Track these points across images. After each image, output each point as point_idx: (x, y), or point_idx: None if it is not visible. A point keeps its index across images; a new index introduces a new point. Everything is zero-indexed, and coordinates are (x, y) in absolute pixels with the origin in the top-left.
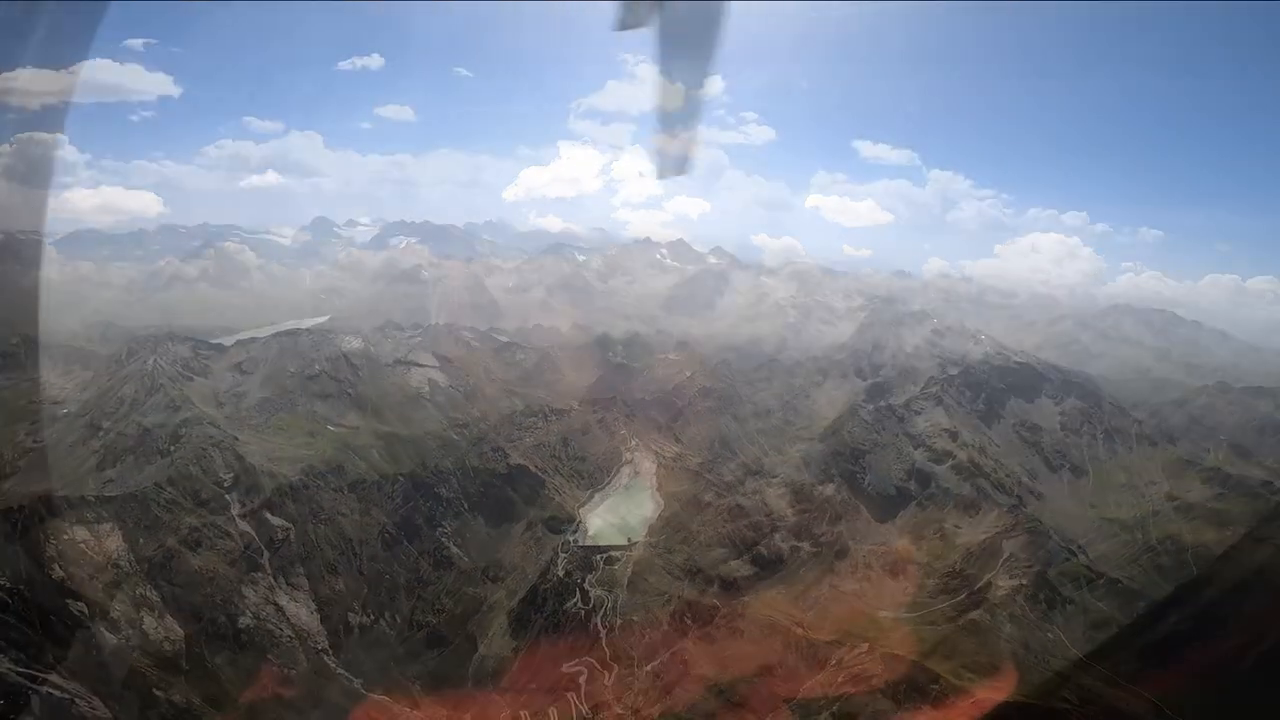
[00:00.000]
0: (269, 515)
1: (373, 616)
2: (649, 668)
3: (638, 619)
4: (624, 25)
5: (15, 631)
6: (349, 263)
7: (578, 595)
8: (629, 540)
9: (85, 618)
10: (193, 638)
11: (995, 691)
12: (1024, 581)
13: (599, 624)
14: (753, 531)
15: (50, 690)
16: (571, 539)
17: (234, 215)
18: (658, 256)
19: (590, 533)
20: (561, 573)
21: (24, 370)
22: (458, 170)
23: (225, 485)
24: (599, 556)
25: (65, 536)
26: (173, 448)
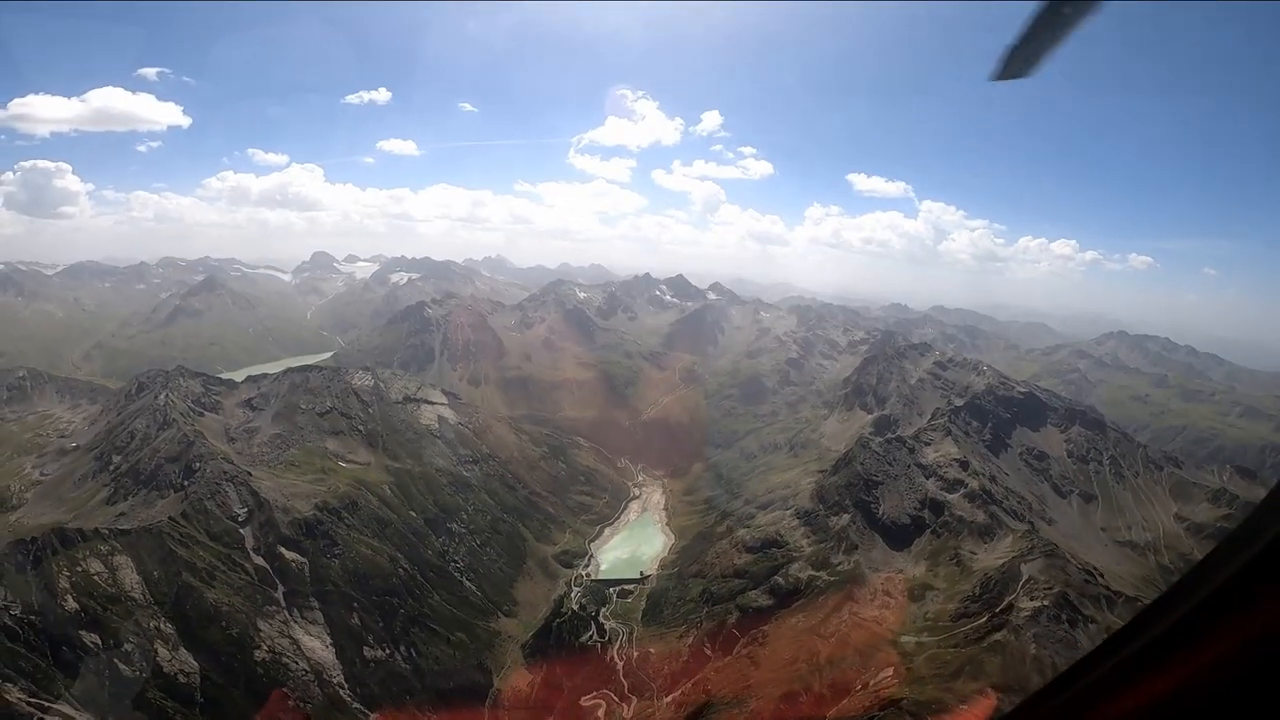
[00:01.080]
0: (283, 550)
1: (388, 650)
2: (669, 699)
3: (655, 651)
4: (1005, 75)
5: (25, 661)
6: (350, 298)
7: (593, 628)
8: (641, 574)
9: (99, 649)
10: (207, 671)
11: None
12: (1045, 602)
13: (615, 656)
14: (769, 562)
15: None
16: (584, 573)
17: (233, 248)
18: (657, 293)
19: (603, 567)
20: (576, 606)
21: (30, 403)
22: (456, 205)
23: (239, 520)
24: (612, 590)
25: (79, 568)
26: (187, 482)
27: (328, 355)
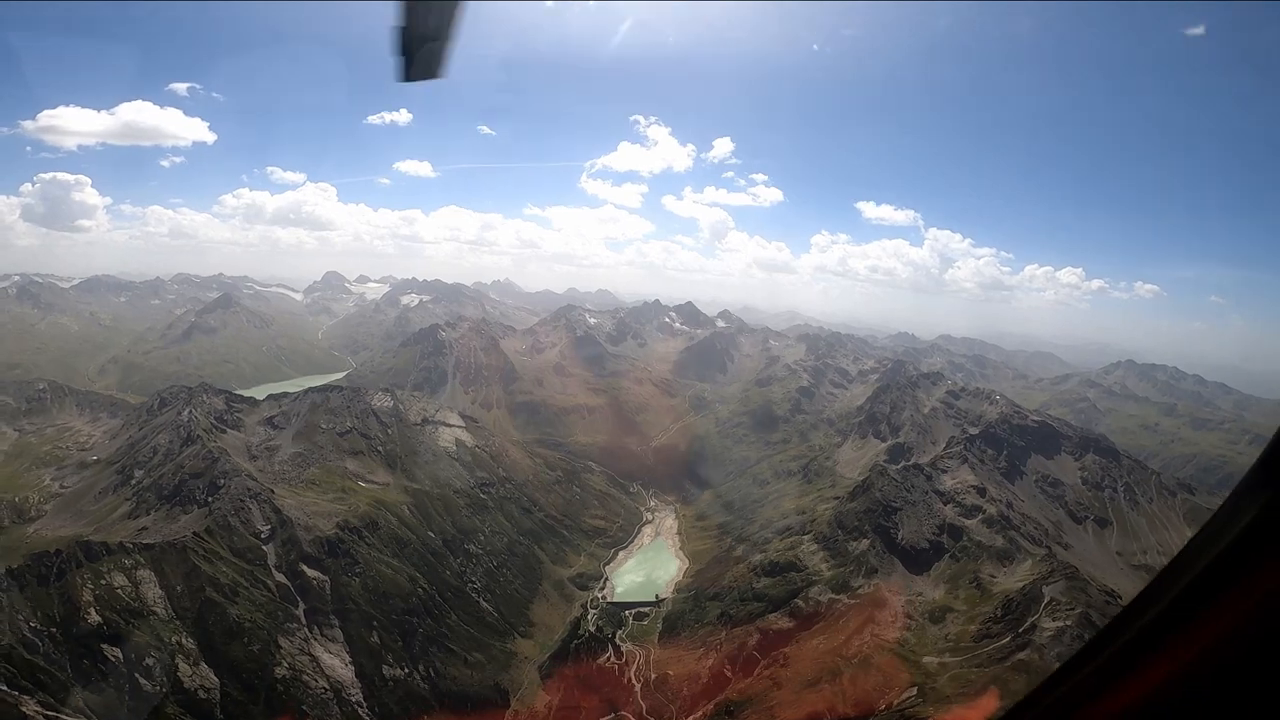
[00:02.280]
0: (305, 568)
1: (406, 669)
2: None
3: (674, 673)
4: (413, 78)
5: (44, 673)
6: (361, 319)
7: (610, 650)
8: (657, 597)
9: (119, 662)
10: (228, 687)
11: None
12: (1068, 623)
13: (633, 678)
14: (787, 586)
15: None
16: (599, 595)
17: (245, 266)
18: (667, 320)
19: (618, 589)
20: (592, 628)
21: (49, 415)
22: (466, 227)
23: (263, 537)
24: (628, 612)
25: (103, 581)
26: (210, 499)
27: (340, 375)
